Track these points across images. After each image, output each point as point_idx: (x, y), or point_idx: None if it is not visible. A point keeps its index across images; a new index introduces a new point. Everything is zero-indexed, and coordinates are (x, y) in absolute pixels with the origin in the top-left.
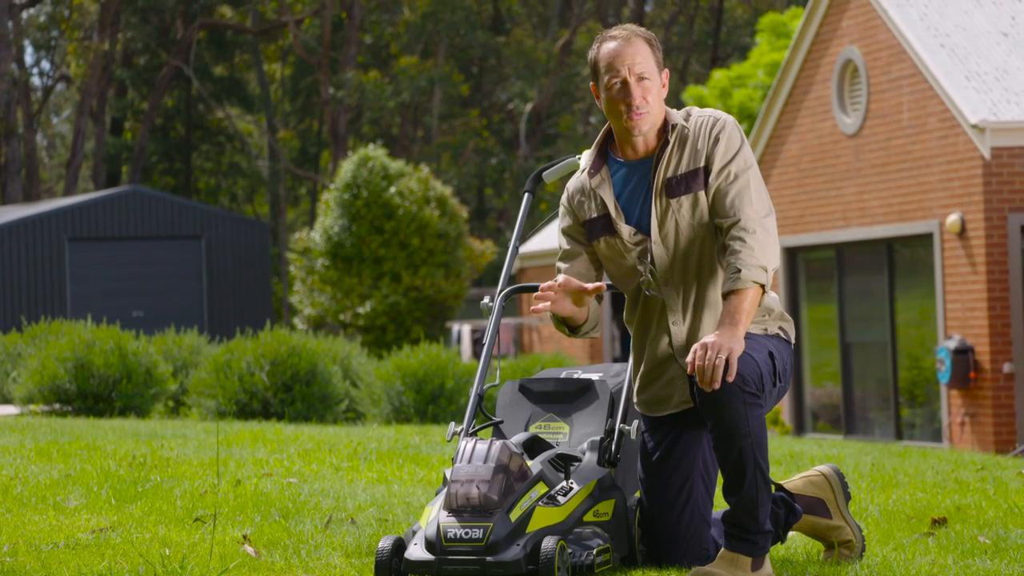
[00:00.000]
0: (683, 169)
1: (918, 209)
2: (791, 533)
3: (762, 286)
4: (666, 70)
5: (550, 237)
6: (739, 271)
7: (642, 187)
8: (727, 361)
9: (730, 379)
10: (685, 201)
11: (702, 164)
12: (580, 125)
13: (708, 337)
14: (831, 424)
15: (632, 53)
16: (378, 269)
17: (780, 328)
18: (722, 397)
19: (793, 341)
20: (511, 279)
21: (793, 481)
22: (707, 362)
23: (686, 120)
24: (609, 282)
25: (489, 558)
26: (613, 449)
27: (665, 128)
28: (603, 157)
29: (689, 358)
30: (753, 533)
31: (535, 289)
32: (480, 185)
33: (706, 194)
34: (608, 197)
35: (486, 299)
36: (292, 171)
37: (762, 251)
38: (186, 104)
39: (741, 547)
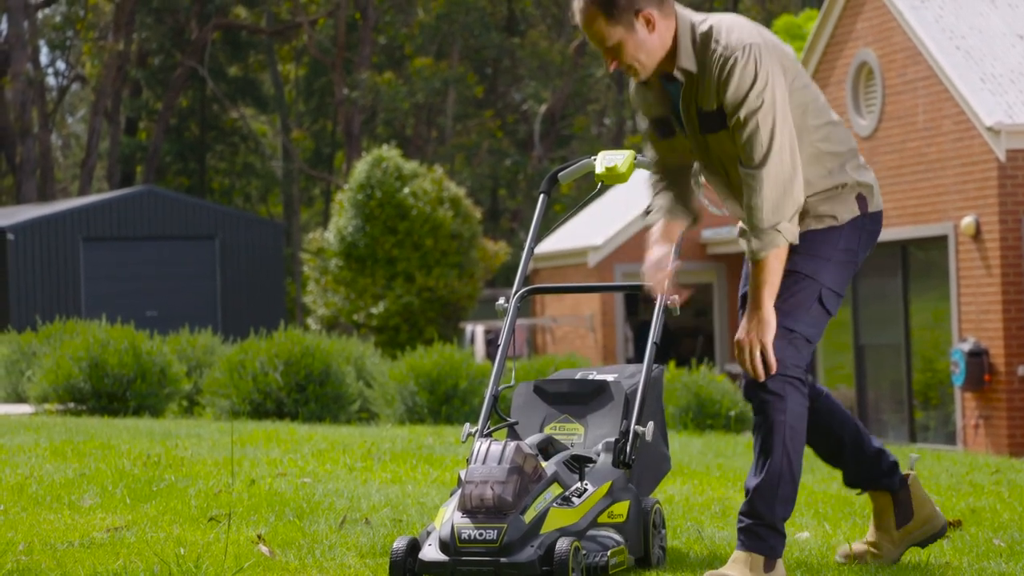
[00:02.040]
0: (707, 107)
1: (933, 211)
2: (806, 535)
3: (781, 246)
4: (646, 10)
5: (565, 238)
6: (751, 244)
7: (678, 100)
8: (764, 354)
9: (772, 371)
10: (723, 135)
11: (715, 106)
12: (594, 126)
13: (740, 331)
14: None
15: (592, 32)
16: (392, 269)
17: (857, 198)
18: (763, 383)
19: (874, 197)
20: (526, 280)
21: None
22: (746, 363)
23: (703, 52)
24: (621, 283)
25: (503, 559)
26: (628, 450)
27: (675, 55)
28: None
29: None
30: (766, 526)
31: (550, 290)
32: (494, 186)
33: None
34: (662, 102)
35: (501, 300)
36: (306, 171)
37: (772, 208)
38: (200, 104)
39: (754, 545)
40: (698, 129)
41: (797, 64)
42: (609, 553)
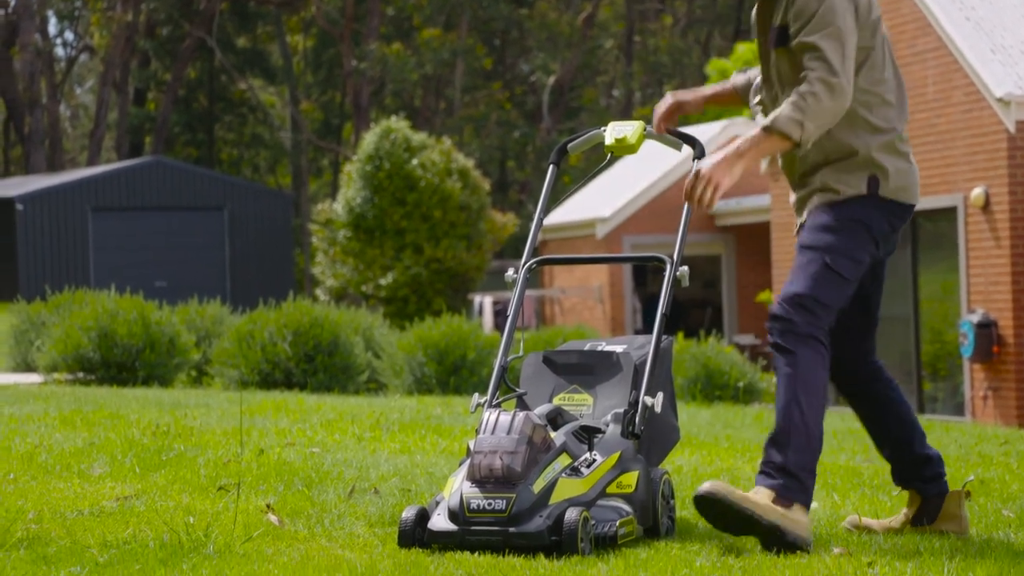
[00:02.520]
0: (777, 21)
1: (942, 183)
2: (814, 505)
3: (791, 139)
4: None
5: (574, 210)
6: (776, 115)
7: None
8: (713, 194)
9: (708, 209)
10: (784, 54)
11: (778, 23)
12: (603, 98)
13: (705, 165)
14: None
15: None
16: (400, 241)
17: (869, 178)
18: (775, 341)
19: (889, 182)
20: (534, 251)
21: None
22: (694, 190)
23: None
24: (630, 254)
25: (512, 529)
26: (637, 421)
27: None
28: None
29: (686, 182)
30: (776, 468)
31: (559, 261)
32: (502, 157)
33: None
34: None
35: (510, 271)
36: (314, 143)
37: (812, 109)
38: (209, 75)
39: (764, 480)
40: (767, 40)
41: (874, 22)
42: (618, 523)
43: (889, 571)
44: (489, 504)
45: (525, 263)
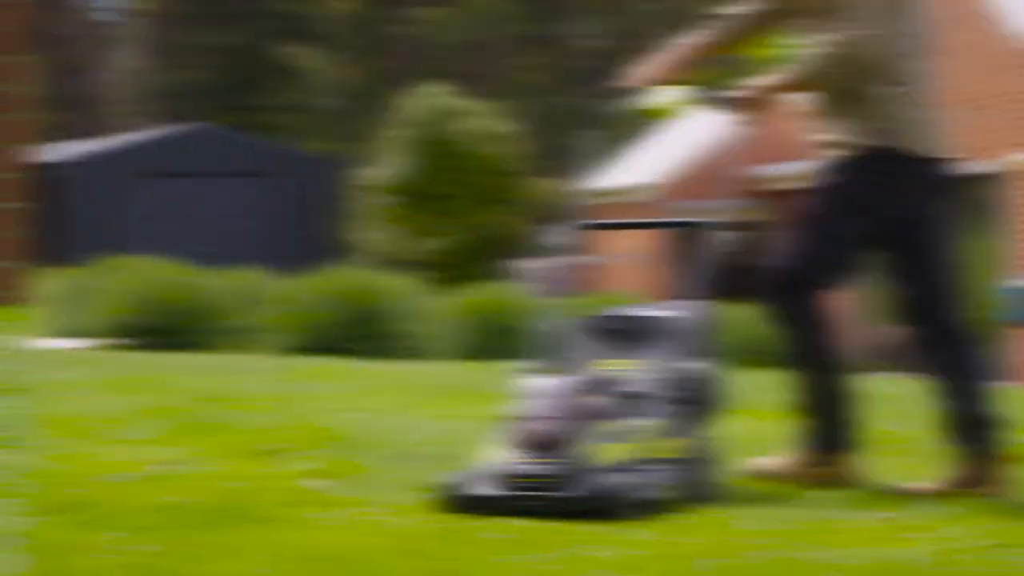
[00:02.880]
0: None
1: (983, 149)
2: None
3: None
4: None
5: (617, 175)
6: (806, 62)
7: None
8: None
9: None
10: None
11: None
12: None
13: (745, 89)
14: (893, 364)
15: None
16: (444, 206)
17: (878, 131)
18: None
19: (901, 132)
20: (579, 216)
21: None
22: (733, 104)
23: None
24: (675, 219)
25: (555, 494)
26: (681, 387)
27: None
28: None
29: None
30: (810, 436)
31: (603, 227)
32: (545, 123)
33: None
34: None
35: (555, 237)
36: (356, 108)
37: (839, 58)
38: (251, 40)
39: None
40: None
41: None
42: (661, 489)
43: (932, 536)
44: (531, 470)
45: (569, 228)
